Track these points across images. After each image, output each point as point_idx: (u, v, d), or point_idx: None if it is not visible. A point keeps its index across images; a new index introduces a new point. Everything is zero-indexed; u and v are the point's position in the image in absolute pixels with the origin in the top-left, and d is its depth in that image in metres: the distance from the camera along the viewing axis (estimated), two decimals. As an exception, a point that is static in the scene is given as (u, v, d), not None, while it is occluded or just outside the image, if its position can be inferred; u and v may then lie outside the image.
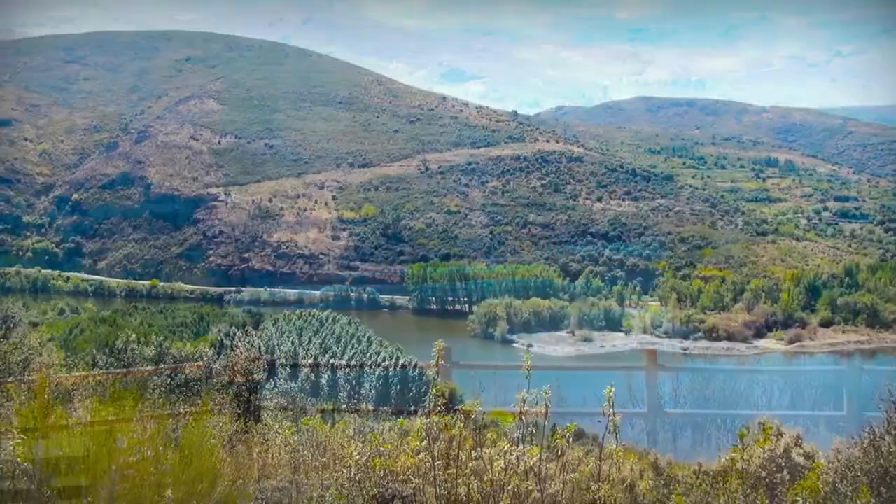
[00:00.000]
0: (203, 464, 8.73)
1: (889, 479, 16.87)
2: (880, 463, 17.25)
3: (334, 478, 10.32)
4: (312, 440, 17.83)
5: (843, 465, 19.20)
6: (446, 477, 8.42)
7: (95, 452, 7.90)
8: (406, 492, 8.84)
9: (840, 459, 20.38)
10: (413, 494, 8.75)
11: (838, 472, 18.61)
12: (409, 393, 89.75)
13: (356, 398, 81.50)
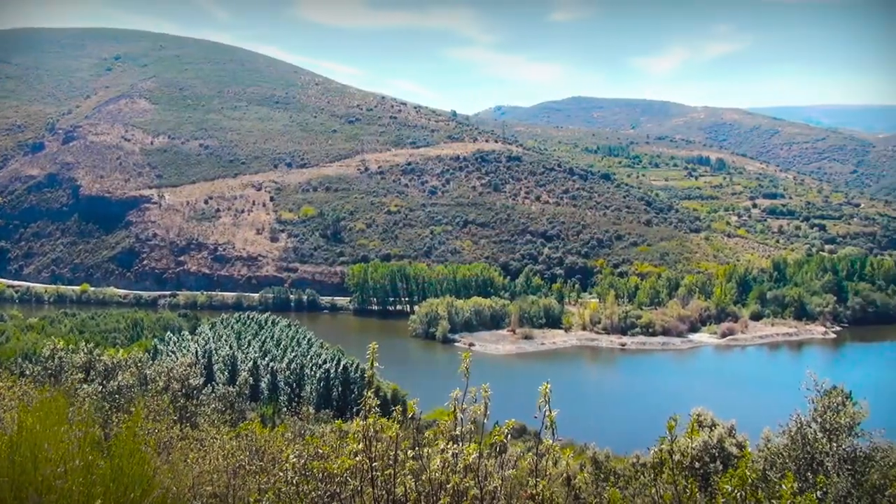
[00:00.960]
0: (135, 472, 8.47)
1: (815, 465, 17.53)
2: (807, 450, 17.92)
3: (271, 482, 10.17)
4: (251, 445, 17.56)
5: (772, 453, 19.89)
6: (385, 478, 8.36)
7: (21, 463, 7.60)
8: (345, 494, 8.75)
9: (769, 448, 21.10)
10: (352, 496, 8.67)
11: (768, 460, 19.27)
12: (351, 395, 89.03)
13: (297, 401, 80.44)
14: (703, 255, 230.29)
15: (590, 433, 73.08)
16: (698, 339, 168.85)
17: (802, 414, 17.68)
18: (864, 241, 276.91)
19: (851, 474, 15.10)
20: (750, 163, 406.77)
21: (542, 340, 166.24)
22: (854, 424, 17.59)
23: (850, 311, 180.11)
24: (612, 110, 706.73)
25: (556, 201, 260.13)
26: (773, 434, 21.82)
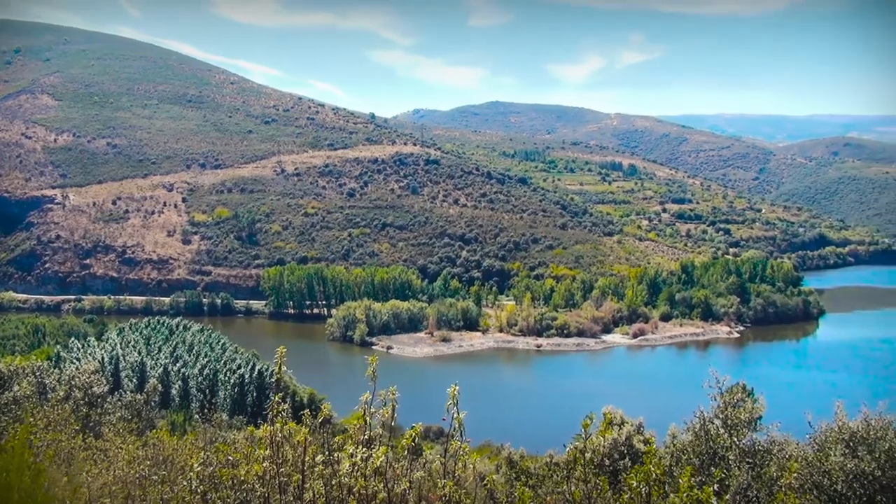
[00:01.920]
0: (25, 487, 8.03)
1: (717, 459, 18.19)
2: (709, 445, 18.58)
3: (175, 492, 9.83)
4: (158, 454, 16.93)
5: (677, 449, 20.53)
6: (294, 483, 8.20)
7: None
8: (253, 501, 8.54)
9: (675, 444, 21.76)
10: (260, 503, 8.46)
11: (674, 456, 19.87)
12: (266, 400, 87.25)
13: (210, 408, 78.27)
14: (616, 258, 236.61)
15: (506, 434, 73.93)
16: (611, 340, 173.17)
17: (706, 410, 18.31)
18: (765, 244, 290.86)
19: (751, 467, 15.71)
20: (660, 169, 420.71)
21: (460, 343, 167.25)
22: (753, 419, 18.29)
23: (752, 312, 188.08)
24: (529, 115, 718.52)
25: (473, 204, 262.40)
26: (678, 430, 22.51)
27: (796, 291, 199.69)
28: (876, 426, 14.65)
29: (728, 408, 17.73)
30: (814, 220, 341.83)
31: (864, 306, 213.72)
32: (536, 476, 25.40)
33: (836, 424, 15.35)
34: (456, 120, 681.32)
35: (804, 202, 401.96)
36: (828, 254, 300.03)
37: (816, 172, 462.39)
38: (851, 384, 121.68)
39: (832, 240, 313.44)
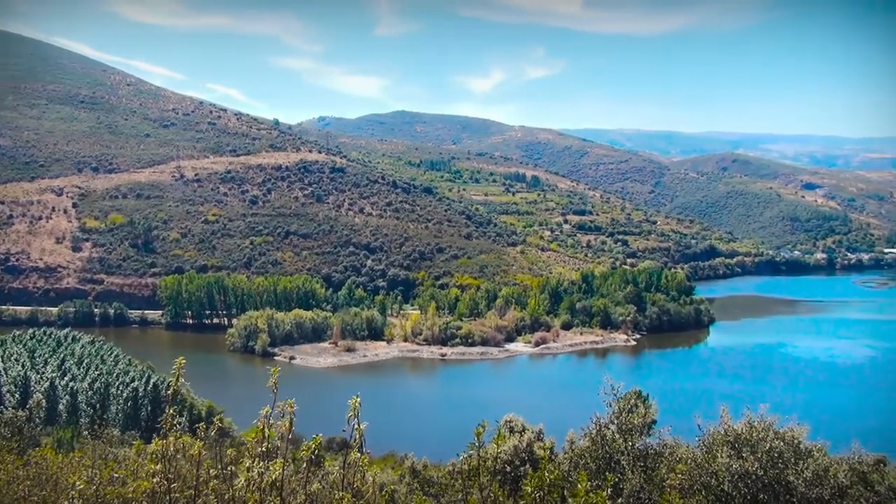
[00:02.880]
0: None
1: (613, 463, 18.70)
2: (605, 450, 19.08)
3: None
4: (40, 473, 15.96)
5: (575, 454, 20.98)
6: (185, 499, 7.91)
7: None
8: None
9: (573, 449, 22.24)
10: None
11: (572, 461, 20.30)
12: (161, 414, 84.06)
13: (100, 423, 74.68)
14: (520, 268, 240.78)
15: (411, 443, 73.85)
16: (514, 349, 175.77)
17: (601, 416, 18.77)
18: (660, 255, 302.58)
19: (644, 470, 16.22)
20: (562, 181, 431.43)
21: (365, 352, 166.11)
22: (646, 424, 18.89)
23: (648, 320, 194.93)
24: (436, 126, 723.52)
25: (379, 213, 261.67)
26: (576, 436, 23.02)
27: (689, 300, 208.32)
28: (758, 428, 15.40)
29: (622, 413, 18.26)
30: (705, 233, 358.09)
31: (750, 314, 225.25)
32: (439, 485, 25.46)
33: (722, 427, 16.05)
34: (362, 128, 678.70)
35: (696, 215, 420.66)
36: (717, 264, 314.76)
37: (707, 187, 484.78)
38: (738, 389, 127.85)
39: (721, 251, 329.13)
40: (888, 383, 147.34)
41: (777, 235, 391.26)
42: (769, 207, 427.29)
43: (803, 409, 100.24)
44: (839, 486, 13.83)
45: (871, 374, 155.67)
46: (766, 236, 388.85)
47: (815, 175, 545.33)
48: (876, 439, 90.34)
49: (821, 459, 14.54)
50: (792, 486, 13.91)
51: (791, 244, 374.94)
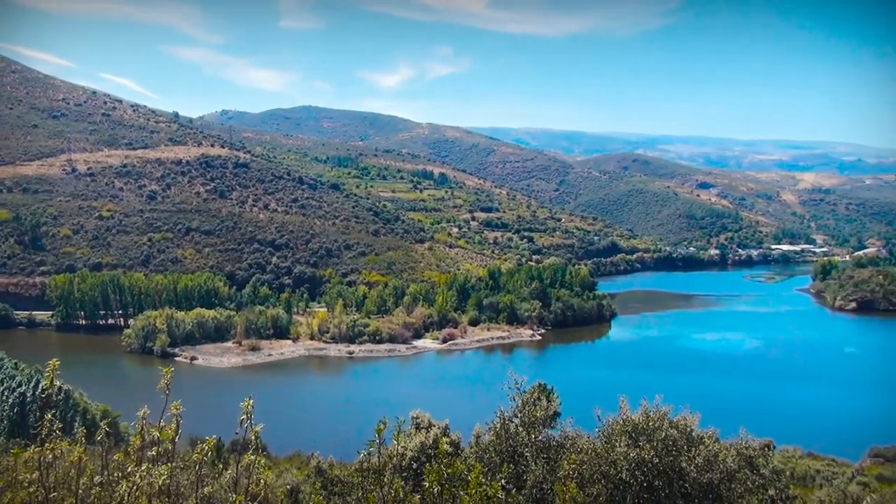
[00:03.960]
0: None
1: (517, 457, 18.91)
2: (509, 443, 19.28)
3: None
4: None
5: (480, 448, 21.13)
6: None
7: None
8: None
9: (479, 443, 22.41)
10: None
11: (478, 456, 20.43)
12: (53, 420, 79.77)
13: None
14: (427, 265, 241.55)
15: (318, 442, 72.94)
16: (422, 345, 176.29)
17: (506, 410, 18.96)
18: (564, 251, 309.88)
19: (546, 461, 16.46)
20: (469, 178, 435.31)
21: (270, 351, 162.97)
22: (549, 416, 19.20)
23: (553, 315, 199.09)
24: (342, 122, 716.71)
25: (285, 210, 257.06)
26: (482, 430, 23.21)
27: (592, 296, 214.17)
28: (654, 417, 15.88)
29: (525, 407, 18.48)
30: (607, 230, 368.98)
31: (649, 308, 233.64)
32: (345, 483, 25.14)
33: (620, 418, 16.47)
34: (267, 123, 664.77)
35: (598, 212, 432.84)
36: (619, 260, 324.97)
37: (609, 185, 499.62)
38: (638, 380, 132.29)
39: (622, 247, 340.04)
40: (773, 372, 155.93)
41: (674, 232, 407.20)
42: (667, 205, 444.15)
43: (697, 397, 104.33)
44: (728, 470, 14.43)
45: (758, 364, 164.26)
46: (664, 233, 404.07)
47: (709, 175, 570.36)
48: (764, 425, 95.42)
49: (711, 446, 15.13)
50: (685, 472, 14.41)
51: (687, 241, 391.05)
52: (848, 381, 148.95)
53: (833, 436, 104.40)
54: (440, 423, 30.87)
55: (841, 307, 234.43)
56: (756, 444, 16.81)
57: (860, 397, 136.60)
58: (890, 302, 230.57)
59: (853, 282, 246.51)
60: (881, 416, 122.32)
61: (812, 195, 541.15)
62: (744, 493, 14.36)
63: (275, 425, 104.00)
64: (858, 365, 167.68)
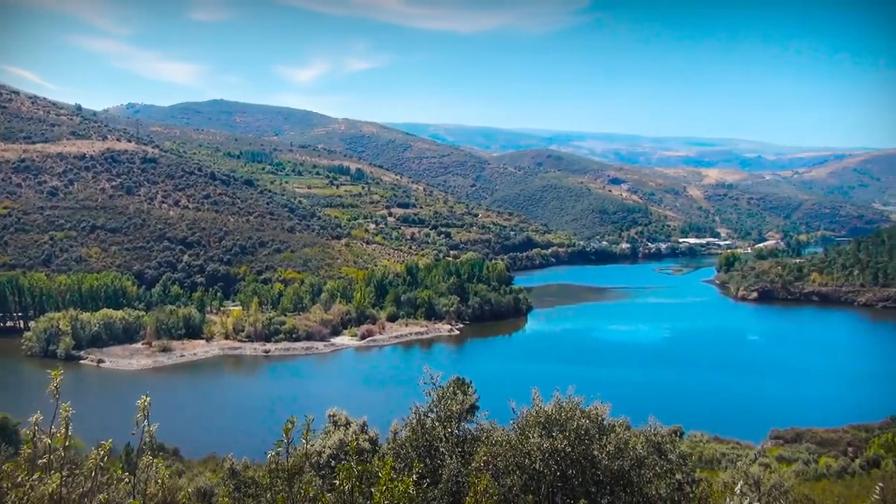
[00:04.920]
0: None
1: (433, 451, 18.89)
2: (426, 438, 19.24)
3: None
4: None
5: (397, 444, 21.01)
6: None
7: None
8: None
9: (396, 440, 22.29)
10: None
11: (395, 452, 20.30)
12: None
13: None
14: (345, 261, 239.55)
15: (233, 444, 71.10)
16: (340, 342, 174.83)
17: (421, 405, 18.91)
18: (481, 246, 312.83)
19: (461, 455, 16.51)
20: (386, 174, 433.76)
21: (182, 352, 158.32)
22: (465, 410, 19.25)
23: (470, 310, 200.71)
24: (256, 116, 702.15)
25: (196, 206, 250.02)
26: (399, 426, 23.11)
27: (508, 290, 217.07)
28: (567, 407, 16.14)
29: (441, 401, 18.49)
30: (522, 225, 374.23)
31: (564, 301, 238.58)
32: (259, 485, 24.62)
33: (534, 409, 16.67)
34: (176, 117, 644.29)
35: (514, 208, 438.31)
36: (534, 255, 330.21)
37: (524, 181, 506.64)
38: (553, 371, 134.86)
39: (538, 242, 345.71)
40: (682, 361, 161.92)
41: (587, 227, 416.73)
42: (580, 201, 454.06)
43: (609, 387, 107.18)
44: (637, 457, 14.80)
45: (668, 353, 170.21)
46: (577, 228, 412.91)
47: (621, 171, 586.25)
48: (675, 412, 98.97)
49: (622, 434, 15.49)
50: (596, 461, 14.70)
51: (600, 235, 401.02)
52: (751, 368, 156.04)
53: (737, 420, 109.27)
54: (358, 421, 30.63)
55: (743, 297, 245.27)
56: (664, 431, 17.30)
57: (762, 382, 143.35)
58: (788, 291, 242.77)
59: (754, 273, 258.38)
60: (781, 400, 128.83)
61: (716, 190, 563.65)
62: (652, 478, 14.75)
63: (189, 428, 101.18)
64: (760, 351, 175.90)
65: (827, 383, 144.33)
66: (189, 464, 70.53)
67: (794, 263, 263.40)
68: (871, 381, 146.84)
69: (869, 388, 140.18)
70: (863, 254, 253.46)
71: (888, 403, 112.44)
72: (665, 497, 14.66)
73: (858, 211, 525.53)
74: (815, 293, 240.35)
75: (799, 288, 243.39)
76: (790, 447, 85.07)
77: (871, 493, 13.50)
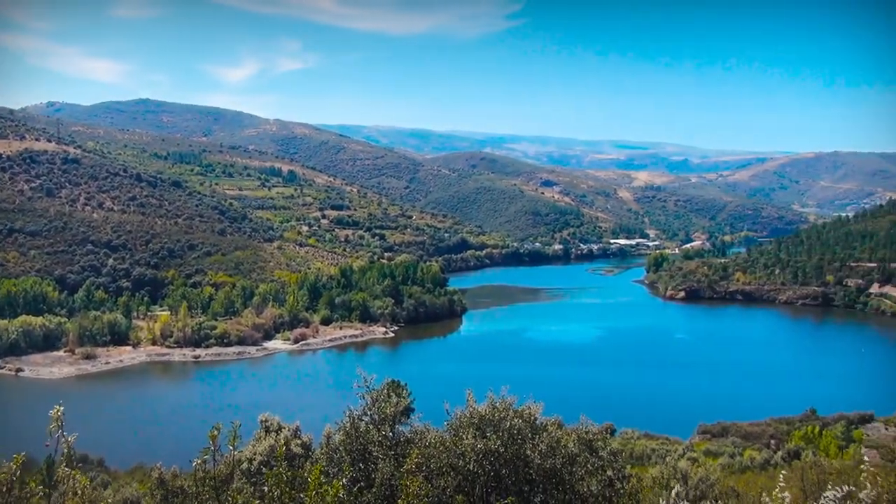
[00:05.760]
0: None
1: (367, 455, 18.74)
2: (359, 442, 19.07)
3: None
4: None
5: (331, 449, 20.78)
6: None
7: None
8: None
9: (330, 444, 22.02)
10: None
11: (328, 457, 20.05)
12: None
13: None
14: (277, 264, 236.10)
15: (161, 453, 69.30)
16: (273, 346, 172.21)
17: (355, 409, 18.75)
18: (416, 248, 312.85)
19: (395, 458, 16.41)
20: (319, 175, 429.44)
21: (107, 359, 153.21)
22: (399, 412, 19.16)
23: (405, 312, 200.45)
24: (184, 116, 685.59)
25: (122, 209, 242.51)
26: (333, 430, 22.84)
27: (443, 292, 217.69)
28: (500, 408, 16.23)
29: (375, 404, 18.38)
30: (457, 227, 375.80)
31: (499, 303, 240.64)
32: (187, 494, 23.99)
33: (467, 410, 16.71)
34: (99, 117, 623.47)
35: (448, 209, 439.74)
36: (469, 257, 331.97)
37: (459, 183, 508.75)
38: (488, 371, 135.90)
39: (472, 244, 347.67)
40: (614, 359, 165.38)
41: (521, 228, 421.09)
42: (514, 202, 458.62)
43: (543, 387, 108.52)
44: (569, 454, 15.00)
45: (600, 352, 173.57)
46: (511, 229, 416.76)
47: (553, 173, 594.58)
48: (608, 410, 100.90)
49: (554, 432, 15.66)
50: (529, 460, 14.83)
51: (533, 236, 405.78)
52: (679, 365, 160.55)
53: (667, 416, 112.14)
54: (290, 426, 30.17)
55: (672, 296, 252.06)
56: (595, 429, 17.57)
57: (690, 379, 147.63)
58: (714, 291, 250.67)
59: (682, 273, 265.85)
60: (708, 396, 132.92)
61: (645, 192, 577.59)
62: (584, 475, 14.96)
63: (116, 438, 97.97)
64: (687, 349, 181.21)
65: (751, 378, 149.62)
66: (115, 475, 68.38)
67: (719, 263, 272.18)
68: (791, 376, 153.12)
69: (790, 382, 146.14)
70: (783, 253, 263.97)
71: (807, 397, 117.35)
72: (596, 493, 14.89)
73: (779, 212, 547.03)
74: (739, 292, 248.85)
75: (724, 287, 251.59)
76: (717, 441, 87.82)
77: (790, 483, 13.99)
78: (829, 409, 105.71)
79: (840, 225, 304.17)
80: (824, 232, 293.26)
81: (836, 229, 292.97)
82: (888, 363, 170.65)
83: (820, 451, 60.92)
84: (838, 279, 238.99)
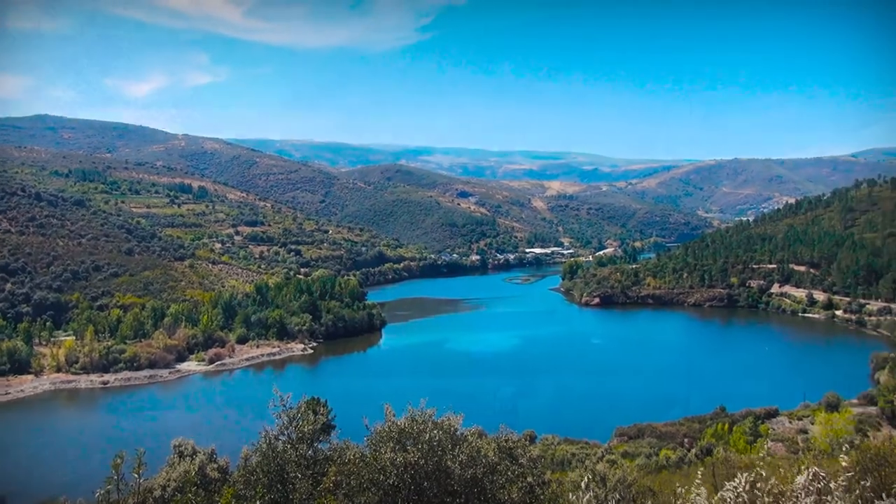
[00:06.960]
0: None
1: (284, 475, 18.28)
2: (277, 462, 18.60)
3: None
4: None
5: (248, 471, 20.19)
6: None
7: None
8: None
9: (247, 466, 21.42)
10: None
11: (244, 479, 19.47)
12: None
13: None
14: (189, 283, 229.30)
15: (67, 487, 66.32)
16: (187, 368, 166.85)
17: (272, 429, 18.32)
18: (333, 263, 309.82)
19: (313, 476, 16.08)
20: (231, 191, 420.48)
21: (7, 389, 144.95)
22: (318, 430, 18.81)
23: (324, 328, 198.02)
24: (86, 132, 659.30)
25: (20, 230, 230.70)
26: (250, 452, 22.25)
27: (362, 306, 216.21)
28: (419, 420, 16.13)
29: (292, 422, 18.00)
30: (374, 240, 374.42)
31: (418, 315, 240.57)
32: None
33: (387, 424, 16.54)
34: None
35: (365, 223, 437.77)
36: (387, 270, 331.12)
37: (375, 196, 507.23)
38: (409, 385, 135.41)
39: (390, 257, 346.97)
40: (533, 367, 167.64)
41: (438, 240, 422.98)
42: (430, 214, 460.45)
43: (463, 399, 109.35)
44: (490, 463, 15.03)
45: (520, 361, 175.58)
46: (428, 241, 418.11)
47: (468, 184, 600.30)
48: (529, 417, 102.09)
49: (474, 442, 15.66)
50: (450, 471, 14.77)
51: (450, 248, 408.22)
52: (596, 370, 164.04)
53: (586, 421, 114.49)
54: (206, 450, 29.23)
55: (587, 303, 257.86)
56: (515, 437, 17.70)
57: (607, 383, 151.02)
58: (626, 296, 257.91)
59: (596, 279, 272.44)
60: (624, 399, 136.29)
61: (558, 201, 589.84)
62: (505, 483, 15.02)
63: (18, 473, 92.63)
64: (603, 354, 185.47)
65: (664, 380, 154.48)
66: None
67: (630, 269, 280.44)
68: (702, 375, 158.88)
69: (701, 381, 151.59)
70: (690, 258, 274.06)
71: (717, 395, 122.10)
72: (517, 500, 14.95)
73: (685, 218, 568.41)
74: (650, 296, 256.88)
75: (636, 292, 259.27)
76: (634, 443, 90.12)
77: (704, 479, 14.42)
78: (738, 405, 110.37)
79: (742, 229, 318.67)
80: (728, 236, 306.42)
81: (738, 233, 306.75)
82: (790, 359, 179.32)
83: (730, 447, 63.29)
84: (742, 281, 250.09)
